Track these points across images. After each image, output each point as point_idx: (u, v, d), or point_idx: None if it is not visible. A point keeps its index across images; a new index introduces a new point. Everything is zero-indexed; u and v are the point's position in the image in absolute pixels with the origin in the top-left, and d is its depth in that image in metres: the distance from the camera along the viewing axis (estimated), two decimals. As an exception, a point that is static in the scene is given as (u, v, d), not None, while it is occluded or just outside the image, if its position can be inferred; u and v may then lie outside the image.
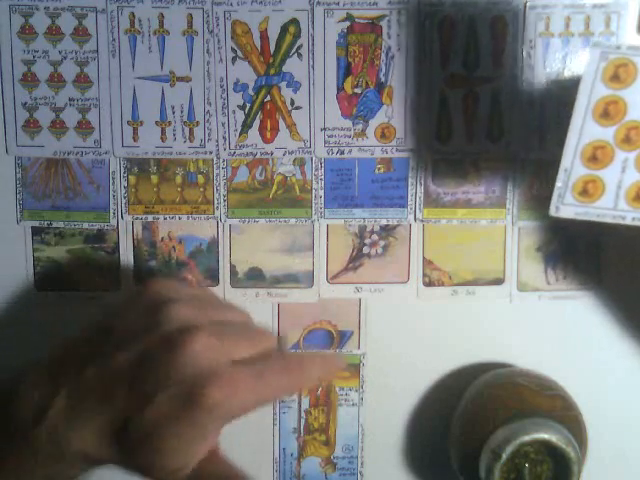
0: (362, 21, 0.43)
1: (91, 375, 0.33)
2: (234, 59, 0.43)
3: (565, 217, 0.34)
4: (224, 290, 0.45)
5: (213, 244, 0.45)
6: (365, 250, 0.45)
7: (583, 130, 0.33)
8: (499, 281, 0.46)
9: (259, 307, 0.45)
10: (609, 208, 0.34)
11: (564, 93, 0.43)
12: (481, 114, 0.44)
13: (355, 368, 0.46)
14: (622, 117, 0.33)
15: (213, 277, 0.45)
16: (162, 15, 0.43)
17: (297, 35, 0.43)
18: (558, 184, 0.34)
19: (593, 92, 0.32)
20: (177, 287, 0.37)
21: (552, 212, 0.35)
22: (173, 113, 0.44)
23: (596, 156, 0.33)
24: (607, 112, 0.33)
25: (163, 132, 0.44)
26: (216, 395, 0.32)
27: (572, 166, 0.33)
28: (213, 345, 0.33)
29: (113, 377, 0.33)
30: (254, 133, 0.44)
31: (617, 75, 0.32)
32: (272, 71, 0.43)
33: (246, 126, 0.44)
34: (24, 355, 0.46)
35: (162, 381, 0.32)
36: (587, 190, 0.34)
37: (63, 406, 0.33)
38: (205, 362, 0.32)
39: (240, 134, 0.44)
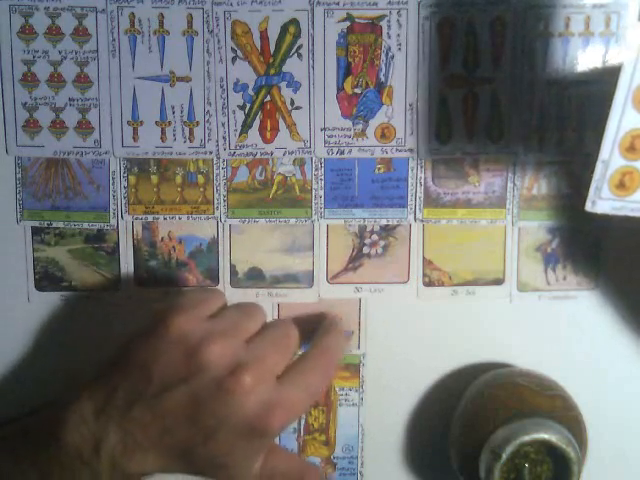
0: (362, 21, 0.43)
1: (140, 414, 0.35)
2: (234, 59, 0.43)
3: (601, 213, 0.34)
4: (224, 290, 0.45)
5: (213, 244, 0.45)
6: (365, 250, 0.45)
7: (622, 118, 0.32)
8: (499, 281, 0.46)
9: (259, 307, 0.45)
10: None
11: (564, 93, 0.43)
12: (481, 114, 0.44)
13: (355, 368, 0.46)
14: None
15: (213, 277, 0.45)
16: (162, 15, 0.43)
17: (297, 35, 0.43)
18: (596, 177, 0.33)
19: (634, 78, 0.32)
20: (195, 314, 0.37)
21: (588, 207, 0.34)
22: (173, 113, 0.44)
23: (634, 146, 0.33)
24: None
25: (163, 132, 0.44)
26: (278, 422, 0.35)
27: (610, 157, 0.33)
28: (260, 377, 0.35)
29: (167, 415, 0.35)
30: (254, 133, 0.44)
31: None
32: (272, 71, 0.43)
33: (246, 126, 0.44)
34: (24, 355, 0.46)
35: (223, 421, 0.35)
36: (624, 183, 0.33)
37: (116, 441, 0.35)
38: (258, 395, 0.35)
39: (240, 134, 0.44)
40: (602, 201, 0.34)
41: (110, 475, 0.35)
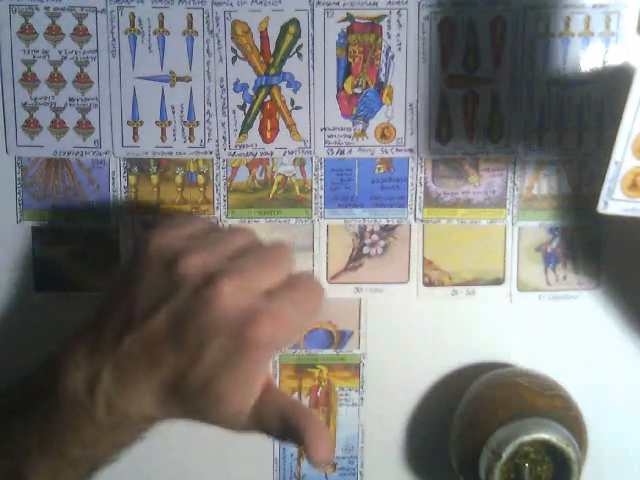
0: (362, 21, 0.43)
1: (129, 344, 0.33)
2: (234, 59, 0.43)
3: (613, 214, 0.34)
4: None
5: (213, 244, 0.45)
6: (365, 250, 0.45)
7: (635, 120, 0.32)
8: (499, 281, 0.46)
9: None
10: None
11: (564, 93, 0.43)
12: (481, 114, 0.44)
13: (355, 368, 0.46)
14: None
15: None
16: (162, 15, 0.43)
17: (297, 35, 0.43)
18: (608, 178, 0.34)
19: None
20: (175, 234, 0.36)
21: (600, 208, 0.34)
22: (173, 113, 0.44)
23: None
24: None
25: (163, 132, 0.44)
26: (263, 332, 0.32)
27: (623, 158, 0.33)
28: (241, 285, 0.33)
29: (154, 341, 0.33)
30: (254, 133, 0.44)
31: None
32: (272, 71, 0.43)
33: (246, 126, 0.44)
34: (24, 355, 0.46)
35: (206, 334, 0.32)
36: (636, 184, 0.33)
37: (110, 378, 0.33)
38: (241, 304, 0.33)
39: (240, 134, 0.44)
40: (614, 202, 0.34)
41: (109, 419, 0.34)
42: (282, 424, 0.34)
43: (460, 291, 0.46)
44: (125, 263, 0.37)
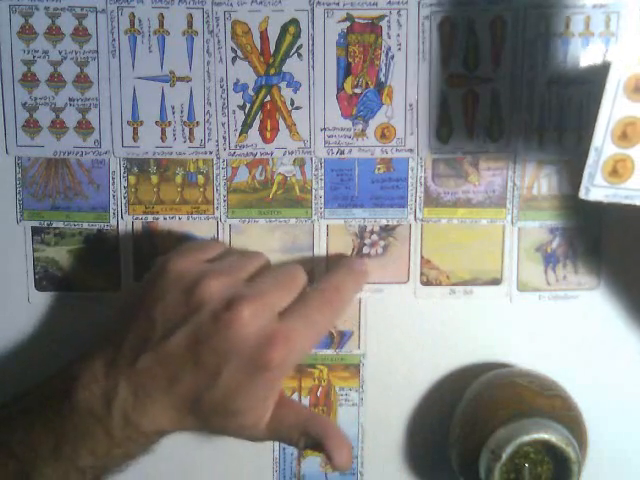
0: (362, 21, 0.43)
1: (146, 362, 0.35)
2: (234, 59, 0.43)
3: (594, 200, 0.34)
4: (224, 290, 0.45)
5: (213, 244, 0.45)
6: (365, 250, 0.45)
7: (614, 107, 0.33)
8: (497, 281, 0.46)
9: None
10: (638, 189, 0.34)
11: (564, 93, 0.43)
12: (481, 114, 0.44)
13: (355, 368, 0.46)
14: None
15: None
16: (162, 15, 0.43)
17: (297, 35, 0.43)
18: (589, 163, 0.34)
19: (626, 67, 0.32)
20: (194, 257, 0.38)
21: (582, 194, 0.35)
22: (173, 113, 0.44)
23: (626, 134, 0.33)
24: (639, 87, 0.33)
25: (163, 132, 0.44)
26: (278, 355, 0.34)
27: (603, 145, 0.33)
28: (259, 309, 0.35)
29: (171, 360, 0.35)
30: (254, 133, 0.44)
31: None
32: (272, 71, 0.43)
33: (246, 126, 0.44)
34: (24, 355, 0.46)
35: (224, 356, 0.34)
36: (617, 170, 0.34)
37: (127, 394, 0.35)
38: (258, 327, 0.35)
39: (240, 134, 0.44)
40: (595, 188, 0.34)
41: (124, 432, 0.35)
42: (303, 435, 0.37)
43: (458, 290, 0.46)
44: (145, 282, 0.38)
